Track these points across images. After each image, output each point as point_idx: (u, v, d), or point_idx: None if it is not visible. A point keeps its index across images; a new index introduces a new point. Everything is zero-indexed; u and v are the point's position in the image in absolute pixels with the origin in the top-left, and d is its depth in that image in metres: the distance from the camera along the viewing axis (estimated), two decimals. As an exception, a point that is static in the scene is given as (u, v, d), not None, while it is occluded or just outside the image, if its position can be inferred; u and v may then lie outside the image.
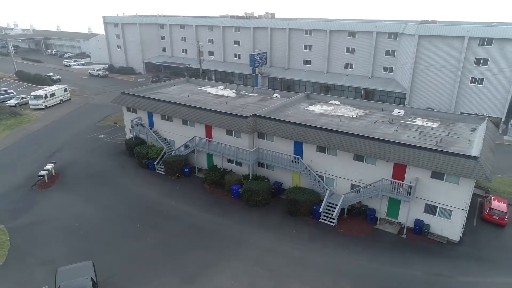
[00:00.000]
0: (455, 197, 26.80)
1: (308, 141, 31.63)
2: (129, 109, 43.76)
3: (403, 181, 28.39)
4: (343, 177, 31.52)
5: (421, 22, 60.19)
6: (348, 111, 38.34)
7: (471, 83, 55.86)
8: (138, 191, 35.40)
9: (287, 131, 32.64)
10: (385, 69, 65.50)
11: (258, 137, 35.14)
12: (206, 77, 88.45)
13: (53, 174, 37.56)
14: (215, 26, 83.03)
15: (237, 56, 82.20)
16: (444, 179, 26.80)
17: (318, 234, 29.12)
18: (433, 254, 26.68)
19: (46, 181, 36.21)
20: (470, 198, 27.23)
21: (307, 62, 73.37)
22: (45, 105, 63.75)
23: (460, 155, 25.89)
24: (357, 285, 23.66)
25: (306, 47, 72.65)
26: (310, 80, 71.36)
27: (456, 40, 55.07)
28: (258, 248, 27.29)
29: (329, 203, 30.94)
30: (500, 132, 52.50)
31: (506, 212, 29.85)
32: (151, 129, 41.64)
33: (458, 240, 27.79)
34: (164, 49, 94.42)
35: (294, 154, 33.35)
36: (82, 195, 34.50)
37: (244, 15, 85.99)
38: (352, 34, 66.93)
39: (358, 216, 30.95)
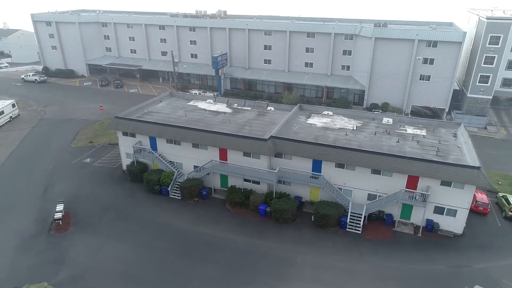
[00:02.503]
0: (460, 199, 32.53)
1: (329, 159, 34.85)
2: (125, 133, 42.27)
3: (416, 189, 33.36)
4: (360, 188, 35.58)
5: (375, 24, 66.16)
6: (345, 123, 42.23)
7: (420, 79, 63.78)
8: (164, 221, 35.47)
9: (308, 151, 35.40)
10: (343, 67, 70.96)
11: (275, 156, 37.29)
12: (160, 78, 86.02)
13: (63, 213, 35.50)
14: (167, 25, 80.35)
15: (194, 56, 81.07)
16: (452, 186, 32.27)
17: (351, 243, 32.97)
18: (447, 248, 32.34)
19: (61, 223, 34.26)
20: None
21: (268, 61, 75.71)
22: (-4, 126, 57.35)
23: (466, 166, 31.40)
24: (403, 287, 28.10)
25: (266, 47, 74.76)
26: (272, 79, 74.04)
27: (407, 42, 62.12)
28: (308, 265, 30.21)
29: (352, 213, 34.87)
30: (446, 121, 61.64)
31: (488, 203, 36.86)
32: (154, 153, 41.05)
33: (462, 232, 33.87)
34: (109, 49, 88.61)
35: (313, 170, 36.39)
36: (108, 234, 33.56)
37: (195, 13, 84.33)
38: (311, 35, 70.71)
39: (376, 221, 35.49)
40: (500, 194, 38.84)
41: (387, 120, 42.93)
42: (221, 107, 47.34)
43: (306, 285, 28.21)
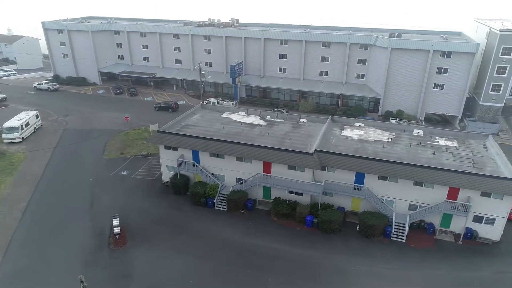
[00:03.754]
0: (499, 209, 34.77)
1: (374, 172, 36.72)
2: (167, 147, 43.37)
3: (457, 199, 35.48)
4: (402, 198, 37.55)
5: (390, 35, 68.44)
6: (378, 135, 44.16)
7: (434, 88, 66.37)
8: (216, 234, 36.77)
9: (353, 164, 37.21)
10: (358, 75, 73.15)
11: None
12: (174, 86, 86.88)
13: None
14: (182, 34, 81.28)
15: (208, 64, 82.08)
16: (491, 196, 34.48)
17: (397, 251, 34.90)
18: (488, 255, 34.55)
19: (118, 237, 35.29)
20: (509, 207, 35.46)
21: (283, 70, 77.39)
22: (22, 137, 57.60)
23: (506, 178, 33.63)
24: (455, 293, 30.17)
25: (282, 56, 76.43)
26: (288, 87, 75.84)
27: (422, 52, 64.61)
28: (362, 275, 31.99)
29: (395, 222, 36.81)
30: (459, 128, 64.39)
31: (518, 211, 39.28)
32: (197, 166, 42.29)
33: (499, 239, 36.13)
34: (121, 57, 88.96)
35: (355, 182, 38.20)
36: (165, 247, 34.70)
37: (208, 21, 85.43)
38: (326, 44, 72.67)
39: (417, 230, 37.49)
40: (527, 202, 41.27)
41: (417, 131, 45.01)
42: (255, 119, 48.75)
43: (366, 293, 29.99)
